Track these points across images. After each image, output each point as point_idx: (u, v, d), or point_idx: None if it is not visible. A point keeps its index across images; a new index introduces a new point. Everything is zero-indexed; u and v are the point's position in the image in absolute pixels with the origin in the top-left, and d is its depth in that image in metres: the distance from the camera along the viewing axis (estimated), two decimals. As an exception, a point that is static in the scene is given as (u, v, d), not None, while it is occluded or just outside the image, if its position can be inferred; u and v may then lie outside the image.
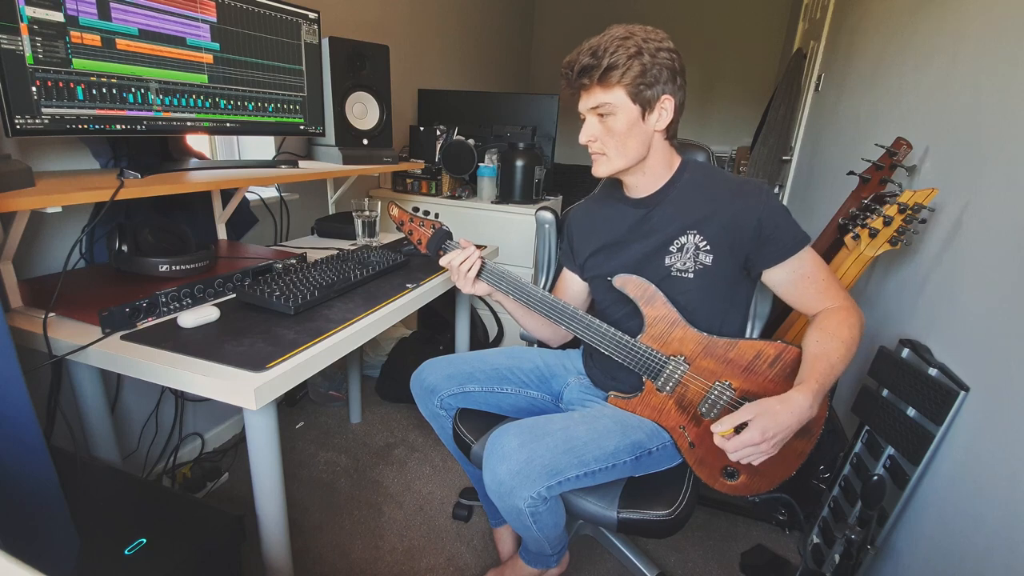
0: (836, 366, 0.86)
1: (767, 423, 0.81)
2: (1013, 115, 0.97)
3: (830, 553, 1.20)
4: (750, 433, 0.81)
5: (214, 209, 1.41)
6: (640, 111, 0.90)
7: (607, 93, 0.89)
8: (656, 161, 0.97)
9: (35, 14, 0.86)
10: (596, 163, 0.97)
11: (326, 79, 1.44)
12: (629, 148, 0.93)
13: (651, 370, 0.97)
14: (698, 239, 0.95)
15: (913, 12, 1.50)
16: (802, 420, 0.83)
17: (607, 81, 0.88)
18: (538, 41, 4.28)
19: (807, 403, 0.83)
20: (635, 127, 0.91)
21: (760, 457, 0.83)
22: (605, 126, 0.92)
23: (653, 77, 0.88)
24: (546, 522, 0.95)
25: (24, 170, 0.88)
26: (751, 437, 0.81)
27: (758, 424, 0.81)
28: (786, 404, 0.82)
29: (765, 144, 2.66)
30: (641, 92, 0.88)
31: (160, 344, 0.84)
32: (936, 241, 1.17)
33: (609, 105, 0.89)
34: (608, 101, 0.89)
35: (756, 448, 0.81)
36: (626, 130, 0.91)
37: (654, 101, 0.89)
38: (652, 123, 0.92)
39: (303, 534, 1.38)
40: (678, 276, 0.97)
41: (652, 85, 0.88)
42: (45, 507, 0.72)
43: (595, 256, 1.08)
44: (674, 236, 0.97)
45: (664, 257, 0.97)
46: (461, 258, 1.03)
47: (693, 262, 0.95)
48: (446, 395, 1.14)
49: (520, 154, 2.03)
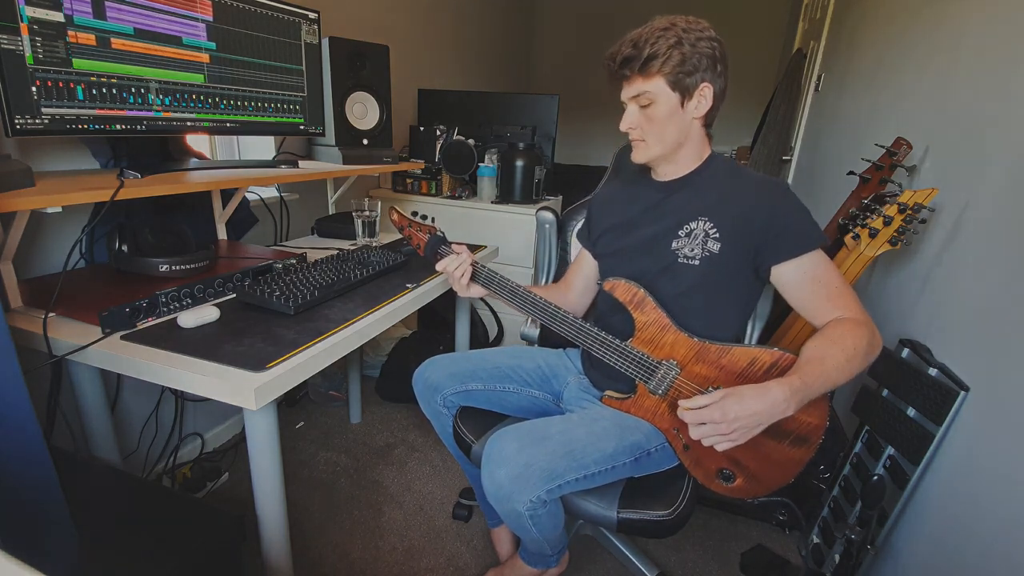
0: (830, 373, 0.82)
1: (730, 403, 0.80)
2: (1013, 115, 0.97)
3: (830, 553, 1.20)
4: (709, 410, 0.80)
5: (214, 209, 1.41)
6: (680, 99, 0.91)
7: (647, 82, 0.90)
8: (690, 149, 0.98)
9: (35, 14, 0.86)
10: (636, 149, 0.99)
11: (326, 79, 1.44)
12: (667, 135, 0.94)
13: (643, 373, 0.97)
14: (708, 225, 0.95)
15: (913, 12, 1.50)
16: (773, 414, 0.80)
17: (648, 71, 0.89)
18: (538, 41, 4.28)
19: (782, 396, 0.79)
20: (674, 115, 0.92)
21: (723, 442, 0.81)
22: (645, 114, 0.93)
23: (692, 66, 0.89)
24: (545, 524, 0.95)
25: (24, 170, 0.88)
26: (710, 414, 0.80)
27: (721, 404, 0.80)
28: (758, 392, 0.80)
29: (765, 144, 2.66)
30: (680, 80, 0.89)
31: (160, 344, 0.84)
32: (936, 241, 1.17)
33: (649, 94, 0.91)
34: (648, 90, 0.90)
35: (716, 427, 0.80)
36: (666, 118, 0.92)
37: (693, 89, 0.90)
38: (691, 111, 0.93)
39: (303, 534, 1.38)
40: (684, 263, 0.96)
41: (692, 73, 0.89)
42: (45, 507, 0.72)
43: (608, 234, 1.10)
44: (685, 220, 0.97)
45: (672, 240, 0.97)
46: (455, 264, 1.04)
47: (701, 248, 0.95)
48: (449, 393, 1.14)
49: (520, 154, 2.03)
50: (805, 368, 0.83)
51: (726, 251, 0.94)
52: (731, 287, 0.97)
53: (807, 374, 0.82)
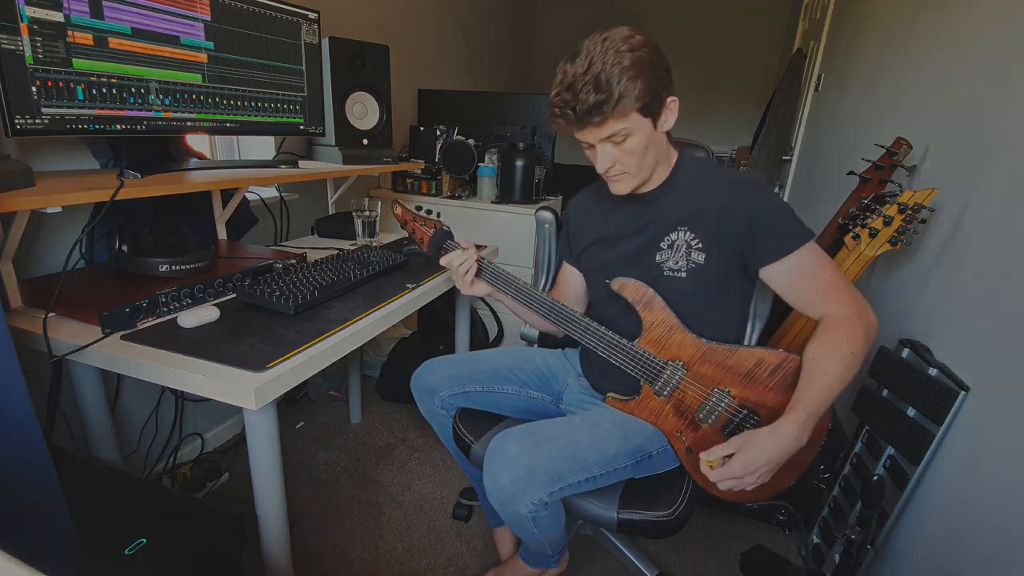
0: (833, 387, 0.83)
1: (750, 458, 0.81)
2: (1013, 115, 0.97)
3: (830, 553, 1.20)
4: (731, 467, 0.82)
5: (214, 209, 1.41)
6: (652, 122, 0.88)
7: (622, 120, 0.84)
8: (660, 161, 0.96)
9: (35, 14, 0.86)
10: (619, 183, 0.93)
11: (326, 79, 1.44)
12: (648, 161, 0.91)
13: (648, 374, 0.96)
14: (689, 236, 0.94)
15: (913, 12, 1.50)
16: (789, 451, 0.82)
17: (623, 110, 0.83)
18: (539, 41, 4.28)
19: (793, 435, 0.81)
20: (651, 139, 0.89)
21: (748, 486, 0.84)
22: (622, 149, 0.88)
23: (657, 88, 0.85)
24: (547, 525, 0.95)
25: (24, 170, 0.88)
26: (732, 471, 0.82)
27: (740, 459, 0.82)
28: (772, 435, 0.82)
29: (765, 144, 2.66)
30: (649, 104, 0.85)
31: (160, 344, 0.84)
32: (936, 241, 1.17)
33: (626, 129, 0.85)
34: (625, 126, 0.85)
35: (740, 481, 0.83)
36: (644, 146, 0.88)
37: (661, 107, 0.88)
38: (662, 127, 0.90)
39: (303, 534, 1.38)
40: (671, 276, 0.95)
41: (658, 95, 0.86)
42: (45, 507, 0.72)
43: (591, 248, 1.08)
44: (666, 232, 0.96)
45: (656, 253, 0.96)
46: (461, 259, 1.03)
47: (685, 260, 0.94)
48: (447, 395, 1.13)
49: (520, 154, 2.03)
50: (807, 394, 0.84)
51: (711, 260, 0.93)
52: (724, 291, 0.96)
53: (810, 401, 0.83)
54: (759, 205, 0.89)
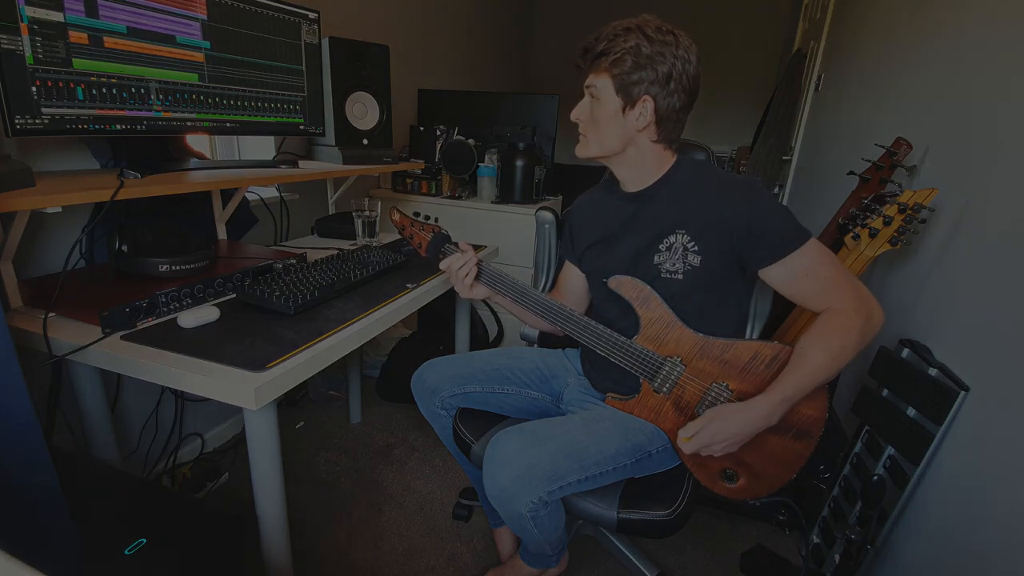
0: (815, 376, 0.86)
1: (718, 426, 0.88)
2: (1013, 115, 0.97)
3: (830, 553, 1.20)
4: (701, 435, 0.89)
5: (214, 209, 1.41)
6: (622, 104, 0.90)
7: (597, 77, 0.90)
8: (640, 159, 0.96)
9: (35, 14, 0.86)
10: (579, 143, 0.98)
11: (326, 79, 1.44)
12: (604, 138, 0.94)
13: (647, 371, 0.97)
14: (686, 239, 0.93)
15: (913, 12, 1.50)
16: (757, 427, 0.87)
17: (597, 66, 0.90)
18: (538, 41, 4.28)
19: (765, 411, 0.86)
20: (614, 119, 0.91)
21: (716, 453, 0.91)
22: (592, 111, 0.93)
23: (640, 76, 0.86)
24: (547, 525, 0.95)
25: (24, 170, 0.88)
26: (701, 438, 0.89)
27: (708, 429, 0.88)
28: (743, 410, 0.87)
29: (765, 144, 2.66)
30: (625, 86, 0.88)
31: (160, 344, 0.84)
32: (936, 241, 1.17)
33: (595, 89, 0.91)
34: (595, 84, 0.91)
35: (708, 448, 0.89)
36: (607, 120, 0.92)
37: (636, 98, 0.89)
38: (632, 120, 0.90)
39: (303, 534, 1.38)
40: (668, 278, 0.95)
41: (638, 83, 0.87)
42: (45, 507, 0.72)
43: (591, 249, 1.08)
44: (663, 234, 0.95)
45: (653, 255, 0.96)
46: (460, 263, 1.03)
47: (682, 263, 0.94)
48: (447, 395, 1.14)
49: (520, 154, 2.03)
50: (787, 379, 0.88)
51: (708, 263, 0.93)
52: (721, 292, 0.96)
53: (788, 385, 0.87)
54: (755, 208, 0.88)
